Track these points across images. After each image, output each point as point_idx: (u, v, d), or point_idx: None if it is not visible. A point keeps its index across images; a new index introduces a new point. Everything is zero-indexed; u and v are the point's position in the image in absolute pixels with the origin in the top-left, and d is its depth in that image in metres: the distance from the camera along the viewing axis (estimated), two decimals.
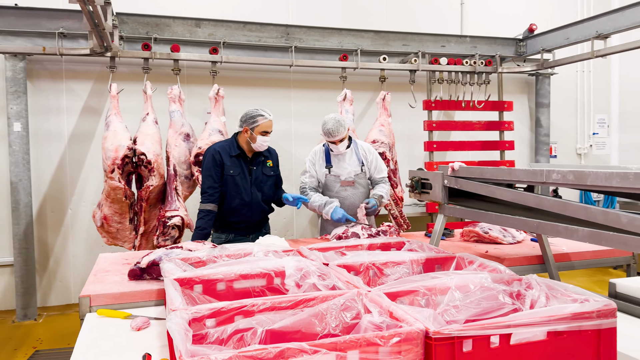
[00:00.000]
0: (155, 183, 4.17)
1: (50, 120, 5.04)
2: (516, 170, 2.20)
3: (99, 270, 2.74)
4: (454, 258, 2.29)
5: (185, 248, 2.61)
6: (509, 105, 5.72)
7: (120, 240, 4.40)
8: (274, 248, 2.52)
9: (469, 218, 2.57)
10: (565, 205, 1.95)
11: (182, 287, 1.95)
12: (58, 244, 5.14)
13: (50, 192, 5.08)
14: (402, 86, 5.54)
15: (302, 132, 5.68)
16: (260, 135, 3.43)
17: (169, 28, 4.47)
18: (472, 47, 5.45)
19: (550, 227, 2.04)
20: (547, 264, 2.97)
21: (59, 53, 4.12)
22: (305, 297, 1.68)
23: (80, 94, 5.11)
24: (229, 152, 3.47)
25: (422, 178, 2.92)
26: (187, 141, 4.38)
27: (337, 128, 3.58)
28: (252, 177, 3.51)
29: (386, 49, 5.14)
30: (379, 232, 3.22)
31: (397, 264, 2.22)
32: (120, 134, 4.15)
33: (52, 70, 5.00)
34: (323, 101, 5.55)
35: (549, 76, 6.31)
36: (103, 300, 2.29)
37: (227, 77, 5.28)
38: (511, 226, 2.27)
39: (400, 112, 5.70)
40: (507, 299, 1.74)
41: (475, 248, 3.24)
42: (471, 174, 2.52)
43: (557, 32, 5.12)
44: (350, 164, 3.77)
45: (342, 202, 3.76)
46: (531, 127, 6.65)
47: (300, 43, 4.86)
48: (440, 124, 5.57)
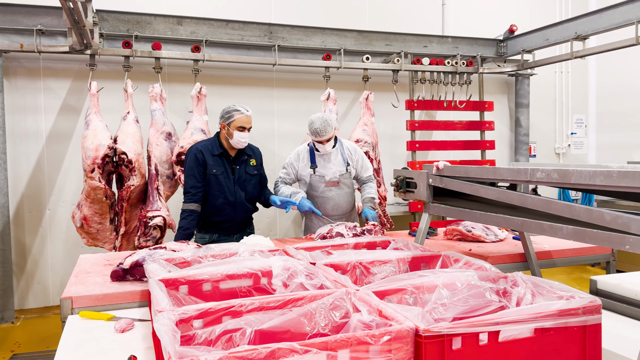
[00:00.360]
0: (136, 183, 4.11)
1: (27, 119, 4.93)
2: (500, 169, 2.22)
3: (80, 272, 2.69)
4: (439, 256, 2.31)
5: (169, 248, 2.58)
6: (489, 106, 5.78)
7: (101, 241, 4.33)
8: (260, 248, 2.51)
9: (454, 217, 2.58)
10: (549, 203, 1.97)
11: (167, 288, 1.92)
12: (36, 245, 5.04)
13: (27, 193, 4.98)
14: (385, 86, 5.56)
15: (285, 132, 5.66)
16: (237, 131, 3.39)
17: (150, 26, 4.40)
18: (454, 47, 5.49)
19: (534, 225, 2.06)
20: (530, 262, 3.01)
21: (37, 50, 4.03)
22: (293, 297, 1.67)
23: (59, 92, 5.01)
24: (212, 151, 3.44)
25: (406, 177, 2.93)
26: (169, 140, 4.33)
27: (325, 127, 3.57)
28: (235, 176, 3.48)
29: (369, 48, 5.15)
30: (363, 232, 3.22)
31: (384, 262, 2.22)
32: (101, 132, 4.08)
33: (29, 68, 4.89)
34: (306, 100, 5.54)
35: (528, 77, 6.40)
36: (85, 302, 2.25)
37: (210, 76, 5.23)
38: (495, 224, 2.30)
39: (383, 112, 5.72)
40: (494, 296, 1.75)
41: (459, 246, 3.26)
42: (456, 173, 2.53)
43: (537, 33, 5.20)
44: (335, 164, 3.77)
45: (327, 202, 3.76)
46: (511, 127, 6.74)
47: (284, 42, 4.84)
48: (422, 123, 5.60)
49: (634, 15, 4.19)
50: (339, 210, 3.83)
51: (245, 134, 3.43)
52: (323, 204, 3.76)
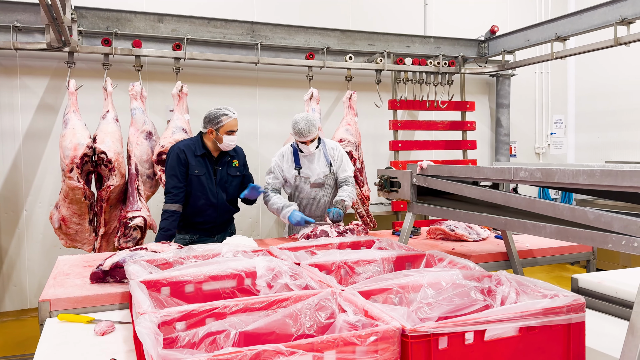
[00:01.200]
0: (115, 183, 4.04)
1: (3, 118, 4.81)
2: (484, 168, 2.23)
3: (58, 274, 2.63)
4: (423, 256, 2.31)
5: (150, 249, 2.54)
6: (471, 106, 5.82)
7: (80, 242, 4.25)
8: (243, 248, 2.48)
9: (438, 216, 2.59)
10: (533, 202, 1.98)
11: (149, 289, 1.88)
12: (12, 246, 4.92)
13: (3, 193, 4.86)
14: (368, 86, 5.56)
15: (268, 131, 5.63)
16: (227, 135, 3.35)
17: (130, 23, 4.33)
18: (436, 47, 5.52)
19: (518, 224, 2.07)
20: (512, 261, 3.03)
21: (13, 47, 3.94)
22: (278, 298, 1.65)
23: (36, 90, 4.90)
24: (194, 152, 3.38)
25: (390, 177, 2.93)
26: (150, 139, 4.27)
27: (309, 128, 3.53)
28: (217, 178, 3.43)
29: (352, 48, 5.14)
30: (346, 231, 3.21)
31: (369, 262, 2.21)
32: (79, 131, 4.00)
33: (5, 66, 4.78)
34: (289, 100, 5.52)
35: (509, 77, 6.46)
36: (64, 305, 2.20)
37: (191, 75, 5.18)
38: (479, 223, 2.30)
39: (366, 111, 5.73)
40: (479, 295, 1.76)
41: (442, 246, 3.27)
42: (440, 172, 2.54)
43: (518, 33, 5.25)
44: (319, 165, 3.73)
45: (312, 204, 3.73)
46: (492, 127, 6.80)
47: (266, 40, 4.81)
48: (405, 123, 5.62)
49: (613, 17, 4.26)
50: (325, 211, 3.81)
51: (235, 137, 3.41)
52: (309, 205, 3.74)
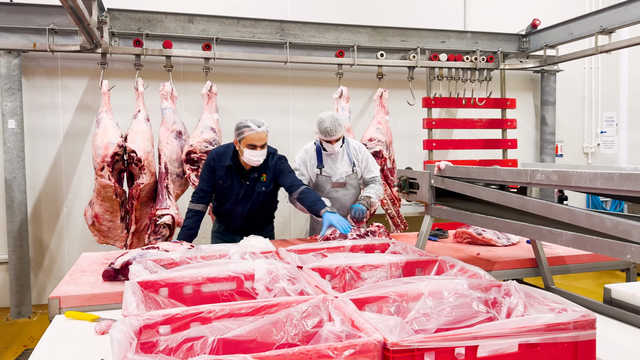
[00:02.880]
0: (145, 181, 4.11)
1: (45, 118, 5.01)
2: (501, 170, 2.09)
3: (76, 271, 2.68)
4: (435, 261, 2.20)
5: (162, 248, 2.54)
6: (511, 103, 5.58)
7: (112, 238, 4.36)
8: (253, 249, 2.44)
9: (455, 219, 2.46)
10: (549, 207, 1.84)
11: (147, 290, 1.88)
12: (53, 241, 5.12)
13: (45, 190, 5.05)
14: (402, 83, 5.43)
15: (300, 130, 5.59)
16: (247, 149, 3.12)
17: (161, 24, 4.40)
18: (474, 43, 5.32)
19: (534, 230, 1.93)
20: (541, 268, 2.85)
21: (49, 49, 4.08)
22: (267, 304, 1.60)
23: (76, 91, 5.07)
24: (222, 161, 3.28)
25: (410, 177, 2.82)
26: (179, 139, 4.32)
27: (335, 127, 3.47)
28: (242, 191, 3.30)
29: (384, 45, 5.03)
30: (367, 233, 3.12)
31: (375, 267, 2.12)
32: (111, 131, 4.10)
33: (47, 67, 4.97)
34: (321, 98, 5.45)
35: (554, 73, 6.15)
36: (73, 302, 2.23)
37: (224, 74, 5.22)
38: (496, 229, 2.17)
39: (400, 110, 5.60)
40: (482, 306, 1.64)
41: (467, 250, 3.13)
42: (457, 174, 2.41)
43: (561, 27, 4.98)
44: (342, 165, 3.67)
45: (333, 203, 3.66)
46: (536, 125, 6.50)
47: (296, 39, 4.77)
48: (439, 121, 5.45)
49: None
50: (346, 211, 3.74)
51: (257, 152, 3.13)
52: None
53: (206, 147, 4.20)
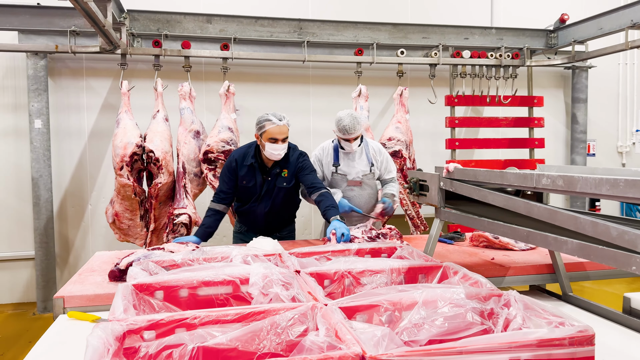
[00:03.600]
0: (163, 180, 4.15)
1: (71, 117, 5.12)
2: (507, 173, 2.01)
3: (86, 270, 2.71)
4: (439, 267, 2.13)
5: (167, 249, 2.55)
6: (539, 101, 5.40)
7: (132, 237, 4.42)
8: (257, 252, 2.41)
9: (463, 224, 2.38)
10: (555, 213, 1.75)
11: (142, 293, 1.88)
12: (78, 239, 5.24)
13: (70, 189, 5.17)
14: (424, 81, 5.32)
15: (320, 129, 5.55)
16: (269, 143, 3.12)
17: (180, 24, 4.43)
18: (498, 39, 5.16)
19: (539, 238, 1.84)
20: (558, 274, 2.73)
21: (71, 51, 4.16)
22: (254, 310, 1.57)
23: (100, 91, 5.17)
24: (245, 161, 3.27)
25: (420, 179, 2.75)
26: (197, 138, 4.34)
27: (354, 125, 3.43)
28: (264, 189, 3.31)
29: (405, 42, 4.93)
30: (378, 235, 3.06)
31: (375, 272, 2.07)
32: (130, 131, 4.15)
33: (73, 68, 5.08)
34: (342, 97, 5.40)
35: (586, 69, 5.93)
36: (77, 302, 2.25)
37: (245, 74, 5.23)
38: (502, 234, 2.08)
39: (423, 108, 5.49)
40: (477, 317, 1.57)
41: (482, 255, 3.03)
42: (465, 177, 2.33)
43: (590, 22, 4.78)
44: (359, 164, 3.64)
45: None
46: (567, 123, 6.28)
47: (314, 38, 4.73)
48: (462, 120, 5.32)
49: None
50: (362, 210, 3.71)
51: (279, 146, 3.14)
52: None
53: (223, 147, 4.22)
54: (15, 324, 4.66)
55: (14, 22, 4.09)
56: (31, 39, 4.56)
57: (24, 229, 5.04)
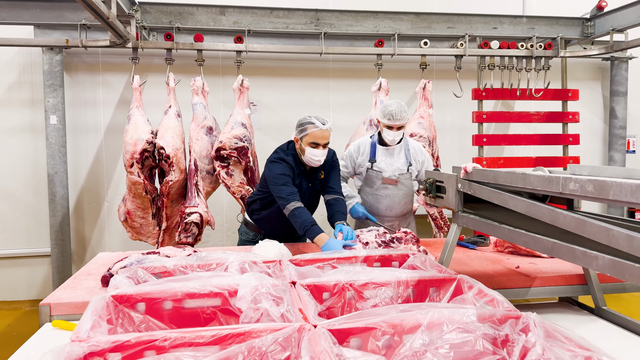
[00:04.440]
0: (174, 178, 4.02)
1: (87, 113, 5.05)
2: (530, 176, 1.77)
3: (82, 273, 2.60)
4: (453, 280, 1.92)
5: (163, 254, 2.41)
6: (573, 94, 5.05)
7: (144, 235, 4.32)
8: (256, 258, 2.24)
9: (482, 230, 2.15)
10: (584, 224, 1.51)
11: (123, 305, 1.73)
12: (95, 236, 5.18)
13: (87, 185, 5.12)
14: (450, 73, 5.04)
15: (341, 124, 5.32)
16: (310, 147, 2.92)
17: (193, 16, 4.28)
18: (530, 28, 4.83)
19: (566, 251, 1.61)
20: (590, 286, 2.47)
21: (81, 45, 4.06)
22: (233, 332, 1.39)
23: (116, 86, 5.08)
24: (295, 169, 3.02)
25: (437, 180, 2.52)
26: (210, 135, 4.20)
27: (401, 112, 3.30)
28: (307, 195, 3.12)
29: (428, 32, 4.66)
30: (392, 240, 2.85)
31: (380, 285, 1.87)
32: (141, 127, 4.04)
33: (89, 63, 5.01)
34: (363, 91, 5.17)
35: (626, 60, 5.53)
36: (64, 310, 2.12)
37: (262, 67, 5.07)
38: (524, 244, 1.85)
39: (449, 102, 5.22)
40: (488, 346, 1.36)
41: (507, 262, 2.78)
42: (485, 178, 2.10)
43: (630, 8, 4.40)
44: (397, 161, 3.48)
45: (379, 201, 3.50)
46: (604, 118, 5.89)
47: (332, 29, 4.51)
48: (490, 115, 5.02)
49: None
50: (393, 211, 3.52)
51: (320, 151, 2.93)
52: (376, 202, 3.51)
53: (236, 144, 4.06)
54: (31, 320, 4.63)
55: (25, 15, 4.02)
56: (47, 33, 4.49)
57: (40, 226, 5.01)
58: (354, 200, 3.47)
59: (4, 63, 4.87)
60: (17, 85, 4.93)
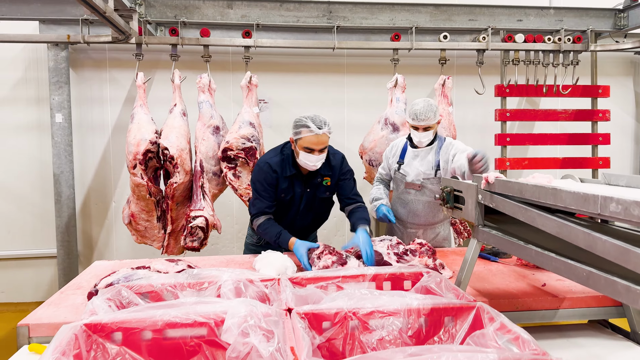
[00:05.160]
0: (179, 180, 3.85)
1: (94, 111, 4.91)
2: (563, 192, 1.53)
3: (71, 286, 2.43)
4: (471, 309, 1.69)
5: (154, 269, 2.22)
6: (604, 91, 4.74)
7: (149, 239, 4.16)
8: (253, 276, 2.03)
9: (505, 249, 1.91)
10: (627, 253, 1.27)
11: (97, 334, 1.54)
12: (102, 237, 5.05)
13: (94, 185, 4.98)
14: (473, 68, 4.76)
15: (355, 122, 5.12)
16: (304, 152, 2.71)
17: (199, 10, 4.08)
18: (557, 20, 4.52)
19: (604, 283, 1.37)
20: (626, 307, 2.22)
21: (83, 41, 3.90)
22: None
23: (124, 83, 4.93)
24: (284, 172, 2.85)
25: (454, 189, 2.29)
26: (217, 135, 4.01)
27: (427, 111, 3.04)
28: (303, 202, 2.93)
29: (448, 25, 4.39)
30: (406, 252, 2.62)
31: (387, 315, 1.65)
32: (144, 126, 3.87)
33: (95, 59, 4.86)
34: (379, 87, 4.90)
35: None
36: (43, 331, 1.95)
37: (273, 63, 4.87)
38: (554, 270, 1.61)
39: (471, 98, 4.94)
40: None
41: (532, 277, 2.54)
42: (509, 191, 1.86)
43: None
44: (422, 164, 3.20)
45: (403, 206, 3.27)
46: (636, 116, 5.54)
47: (345, 22, 4.27)
48: (514, 113, 4.73)
49: None
50: (416, 219, 3.26)
51: (314, 157, 2.71)
52: (399, 207, 3.30)
53: (244, 144, 3.87)
54: None
55: (26, 11, 3.87)
56: (52, 28, 4.35)
57: (47, 226, 4.90)
58: (379, 202, 3.29)
59: (9, 59, 4.75)
60: (22, 82, 4.81)
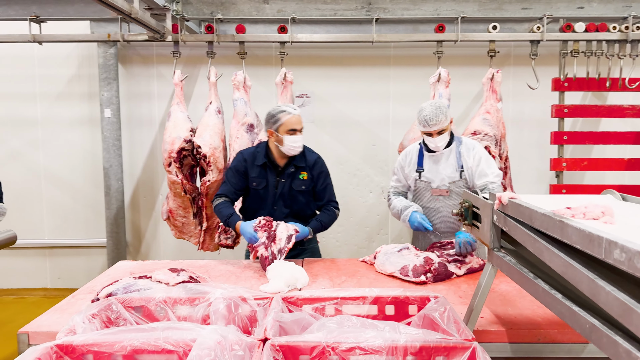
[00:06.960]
0: (212, 178, 3.85)
1: (142, 106, 5.03)
2: (569, 226, 1.32)
3: (83, 290, 2.47)
4: (466, 349, 1.52)
5: (155, 279, 2.20)
6: None
7: (187, 234, 4.22)
8: (247, 294, 1.95)
9: (515, 280, 1.71)
10: (629, 312, 1.06)
11: (68, 356, 1.52)
12: (150, 229, 5.19)
13: (142, 178, 5.12)
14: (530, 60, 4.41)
15: (401, 117, 4.89)
16: (288, 135, 2.90)
17: (235, 6, 4.01)
18: (625, 6, 4.05)
19: (606, 341, 1.16)
20: None
21: (122, 39, 3.97)
22: None
23: (170, 78, 4.93)
24: (257, 161, 3.01)
25: (473, 205, 2.08)
26: (251, 132, 3.96)
27: (436, 115, 2.88)
28: (277, 191, 3.00)
29: (498, 15, 4.06)
30: (455, 258, 2.44)
31: (369, 353, 1.51)
32: (180, 124, 3.89)
33: (143, 55, 4.95)
34: (426, 80, 4.67)
35: None
36: (43, 339, 1.93)
37: (313, 56, 4.74)
38: (558, 315, 1.40)
39: (529, 91, 4.55)
40: None
41: None
42: (520, 215, 1.65)
43: None
44: (445, 168, 3.02)
45: (433, 215, 3.07)
46: None
47: (385, 14, 4.05)
48: (573, 109, 4.32)
49: None
50: (449, 225, 3.07)
51: (298, 137, 2.93)
52: (429, 216, 3.07)
53: None
54: None
55: (69, 11, 3.99)
56: (102, 26, 4.48)
57: (98, 217, 5.10)
58: (410, 209, 3.02)
59: (64, 57, 4.94)
60: (76, 79, 4.99)
